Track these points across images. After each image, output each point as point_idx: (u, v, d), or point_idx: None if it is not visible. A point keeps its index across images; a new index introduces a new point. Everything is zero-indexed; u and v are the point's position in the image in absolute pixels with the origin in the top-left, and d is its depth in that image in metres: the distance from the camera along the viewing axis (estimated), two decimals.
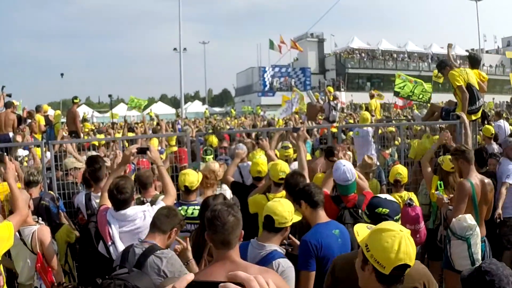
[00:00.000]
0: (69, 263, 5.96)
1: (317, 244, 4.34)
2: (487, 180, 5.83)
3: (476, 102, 8.65)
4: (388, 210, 3.69)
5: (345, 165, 5.38)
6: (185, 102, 66.26)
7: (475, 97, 8.62)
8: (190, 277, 1.34)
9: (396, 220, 3.69)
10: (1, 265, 4.31)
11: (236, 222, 3.23)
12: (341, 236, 4.57)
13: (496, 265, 2.87)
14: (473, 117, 8.70)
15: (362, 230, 2.89)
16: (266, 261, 3.87)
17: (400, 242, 2.61)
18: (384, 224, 2.82)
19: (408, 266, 2.63)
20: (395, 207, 3.85)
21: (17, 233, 4.82)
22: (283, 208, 4.09)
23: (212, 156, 8.57)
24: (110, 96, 42.23)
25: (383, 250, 2.61)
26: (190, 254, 4.27)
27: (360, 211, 5.32)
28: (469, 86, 8.51)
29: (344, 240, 4.60)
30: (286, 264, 3.89)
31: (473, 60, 9.33)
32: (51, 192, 6.71)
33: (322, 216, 4.65)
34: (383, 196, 4.03)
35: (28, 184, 6.32)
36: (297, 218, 4.34)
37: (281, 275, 3.73)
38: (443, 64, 9.20)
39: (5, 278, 4.22)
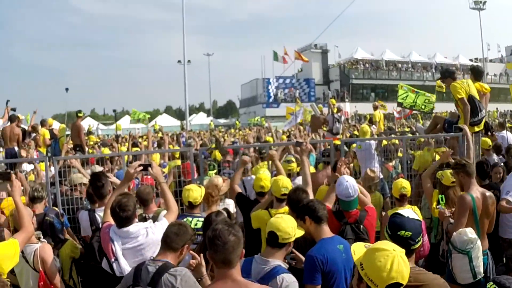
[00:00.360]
0: (73, 278, 5.98)
1: (323, 259, 4.37)
2: (488, 193, 5.83)
3: (478, 114, 8.64)
4: (411, 233, 3.59)
5: (348, 181, 5.39)
6: (190, 114, 66.59)
7: (477, 109, 8.62)
8: None
9: (417, 242, 3.61)
10: (9, 282, 4.34)
11: (237, 242, 3.28)
12: (345, 251, 4.60)
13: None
14: (476, 129, 8.67)
15: (358, 249, 2.96)
16: (270, 276, 3.91)
17: (392, 261, 2.71)
18: (379, 244, 2.90)
19: (401, 284, 2.72)
20: (417, 227, 3.71)
21: None
22: (286, 224, 4.13)
23: (215, 171, 8.60)
24: (114, 111, 42.44)
25: (376, 269, 2.71)
26: (204, 270, 4.28)
27: (362, 226, 5.33)
28: (471, 98, 8.52)
29: (348, 255, 4.59)
30: (290, 279, 3.92)
31: (476, 72, 9.32)
32: (56, 208, 6.74)
33: (327, 231, 4.69)
34: (405, 213, 3.93)
35: (33, 200, 6.34)
36: (300, 233, 4.36)
37: None
38: (447, 73, 9.16)
39: None
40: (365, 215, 5.44)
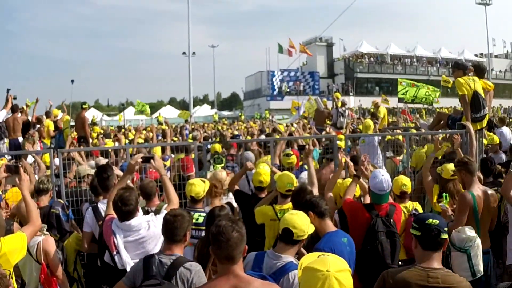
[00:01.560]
0: (78, 270, 6.03)
1: (331, 251, 4.40)
2: (490, 191, 5.84)
3: (481, 111, 8.55)
4: (438, 221, 3.67)
5: (384, 175, 5.47)
6: (194, 106, 66.51)
7: (480, 105, 8.53)
8: None
9: (445, 232, 3.67)
10: (14, 275, 4.39)
11: (240, 238, 3.31)
12: (349, 244, 4.72)
13: None
14: (478, 126, 8.63)
15: (306, 261, 2.94)
16: (282, 272, 3.95)
17: (323, 283, 2.67)
18: (314, 263, 2.85)
19: None
20: (443, 219, 3.84)
21: None
22: (302, 221, 4.17)
23: (222, 165, 8.63)
24: (122, 105, 42.62)
25: None
26: None
27: (392, 220, 5.40)
28: (475, 94, 8.45)
29: (352, 248, 4.75)
30: None
31: (479, 69, 9.25)
32: (61, 201, 6.78)
33: (330, 225, 4.80)
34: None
35: (38, 192, 6.39)
36: (312, 229, 4.39)
37: (296, 286, 3.80)
38: (460, 66, 9.00)
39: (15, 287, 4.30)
40: (394, 209, 5.52)
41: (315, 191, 5.86)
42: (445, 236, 3.66)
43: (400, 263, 5.30)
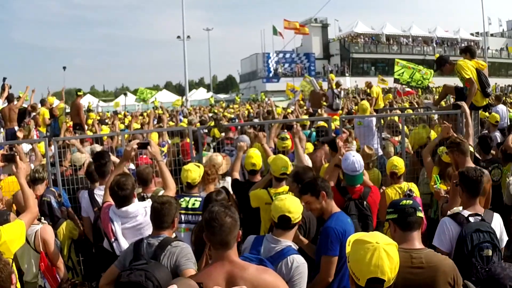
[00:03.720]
0: (72, 259, 6.05)
1: (341, 230, 4.45)
2: (484, 171, 5.89)
3: (490, 85, 8.73)
4: (411, 201, 3.76)
5: (355, 156, 5.50)
6: (190, 89, 66.29)
7: (488, 80, 8.67)
8: None
9: (420, 210, 3.76)
10: (14, 263, 4.41)
11: (233, 223, 3.30)
12: (352, 224, 4.72)
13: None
14: (486, 101, 8.77)
15: (353, 238, 2.93)
16: (281, 256, 3.97)
17: (373, 254, 2.62)
18: (363, 235, 2.84)
19: (383, 280, 2.62)
20: (416, 200, 3.94)
21: None
22: (295, 204, 4.18)
23: (209, 152, 8.58)
24: (125, 94, 42.60)
25: (356, 262, 2.65)
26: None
27: (365, 203, 5.45)
28: (479, 73, 8.49)
29: (355, 229, 4.73)
30: (300, 260, 3.98)
31: (471, 51, 9.26)
32: (53, 189, 6.77)
33: (335, 206, 4.79)
34: None
35: (34, 181, 6.39)
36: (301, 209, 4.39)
37: (294, 271, 3.87)
38: (443, 61, 9.02)
39: (17, 276, 4.31)
40: (369, 191, 5.57)
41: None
42: (421, 214, 3.74)
43: None
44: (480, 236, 4.20)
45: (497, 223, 4.66)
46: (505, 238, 4.75)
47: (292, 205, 4.15)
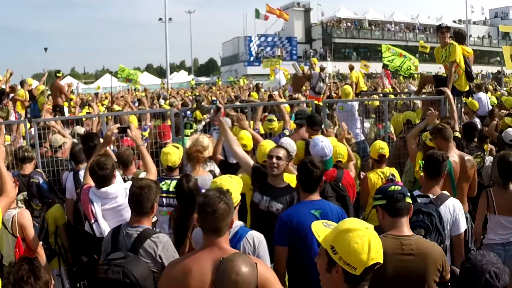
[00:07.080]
0: (58, 243, 5.95)
1: (288, 220, 4.35)
2: (467, 157, 5.92)
3: (472, 72, 9.02)
4: (400, 187, 3.72)
5: (323, 141, 5.47)
6: (171, 72, 65.89)
7: (470, 68, 8.89)
8: None
9: (409, 196, 3.72)
10: None
11: (227, 210, 3.21)
12: (323, 216, 4.35)
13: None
14: (467, 88, 8.95)
15: (321, 230, 2.70)
16: (239, 237, 3.80)
17: (369, 241, 2.49)
18: (348, 223, 2.63)
19: (380, 263, 2.54)
20: (404, 187, 3.89)
21: None
22: (234, 185, 3.97)
23: (192, 130, 8.47)
24: (110, 72, 42.32)
25: (353, 252, 2.48)
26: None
27: (340, 184, 5.48)
28: (464, 59, 8.69)
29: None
30: (259, 235, 3.86)
31: (460, 36, 9.33)
32: (39, 170, 6.66)
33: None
34: None
35: (23, 160, 6.33)
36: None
37: (258, 246, 3.76)
38: (446, 29, 9.06)
39: None
40: (342, 173, 5.61)
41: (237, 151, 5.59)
42: (409, 200, 3.71)
43: None
44: (418, 217, 4.24)
45: (450, 208, 4.72)
46: (462, 225, 4.80)
47: (231, 185, 3.92)
